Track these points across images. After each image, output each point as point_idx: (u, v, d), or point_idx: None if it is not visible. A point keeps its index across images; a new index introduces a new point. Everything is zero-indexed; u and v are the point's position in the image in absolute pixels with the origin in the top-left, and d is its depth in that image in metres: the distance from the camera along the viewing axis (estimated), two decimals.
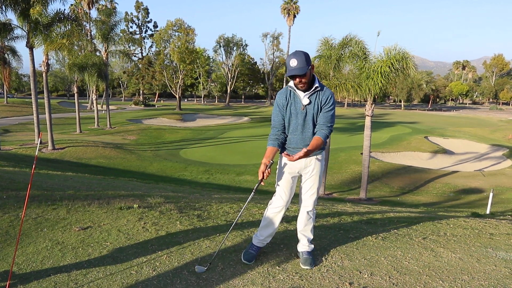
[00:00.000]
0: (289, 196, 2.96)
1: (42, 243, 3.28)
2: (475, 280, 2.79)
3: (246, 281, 2.71)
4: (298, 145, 2.85)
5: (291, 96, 2.81)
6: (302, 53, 2.66)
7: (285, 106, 2.82)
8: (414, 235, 3.79)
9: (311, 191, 2.94)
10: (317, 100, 2.78)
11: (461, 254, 3.25)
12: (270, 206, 2.99)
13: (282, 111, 2.83)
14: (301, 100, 2.77)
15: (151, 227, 3.69)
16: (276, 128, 2.86)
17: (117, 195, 5.21)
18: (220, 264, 2.94)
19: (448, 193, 19.82)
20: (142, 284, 2.64)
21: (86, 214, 4.03)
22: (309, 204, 2.96)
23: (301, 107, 2.77)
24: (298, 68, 2.62)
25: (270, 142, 2.84)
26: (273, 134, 2.86)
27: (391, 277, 2.80)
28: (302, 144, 2.83)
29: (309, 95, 2.76)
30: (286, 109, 2.82)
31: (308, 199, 2.96)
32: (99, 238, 3.40)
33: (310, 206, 2.97)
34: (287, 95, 2.82)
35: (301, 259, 2.98)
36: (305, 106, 2.77)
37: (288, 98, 2.82)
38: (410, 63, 13.57)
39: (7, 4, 20.50)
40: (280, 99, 2.84)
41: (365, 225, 4.21)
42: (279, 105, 2.84)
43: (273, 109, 2.88)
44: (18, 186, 5.48)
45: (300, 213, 3.04)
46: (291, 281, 2.71)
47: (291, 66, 2.65)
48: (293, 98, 2.81)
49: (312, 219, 3.01)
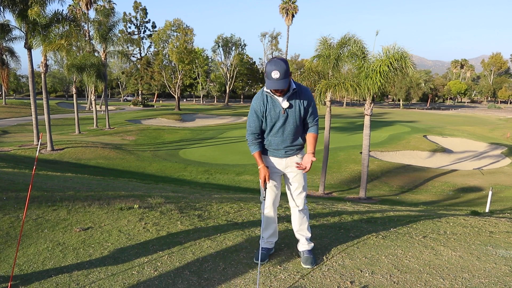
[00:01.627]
0: (275, 195, 2.99)
1: (43, 244, 3.28)
2: (475, 278, 2.80)
3: (247, 280, 2.71)
4: (279, 147, 2.86)
5: (268, 101, 2.73)
6: (282, 62, 2.55)
7: (263, 112, 2.76)
8: (414, 234, 3.80)
9: (298, 190, 2.97)
10: (298, 102, 2.73)
11: (461, 252, 3.26)
12: (261, 208, 3.02)
13: (260, 117, 2.77)
14: (280, 103, 2.72)
15: (152, 227, 3.69)
16: (255, 134, 2.83)
17: (117, 196, 5.21)
18: (221, 263, 2.95)
19: (448, 191, 19.85)
20: (143, 284, 2.65)
21: (87, 215, 4.03)
22: (299, 203, 2.99)
23: (282, 111, 2.73)
24: (281, 81, 2.53)
25: (254, 148, 2.84)
26: (254, 139, 2.84)
27: (392, 275, 2.81)
28: (283, 146, 2.85)
29: (287, 98, 2.70)
30: (266, 115, 2.77)
31: (297, 198, 2.98)
32: (100, 239, 3.40)
33: (301, 205, 2.99)
34: (264, 100, 2.73)
35: (302, 258, 2.99)
36: (286, 109, 2.73)
37: (266, 104, 2.74)
38: (408, 62, 13.59)
39: (5, 4, 20.48)
40: (257, 106, 2.75)
41: (365, 224, 4.22)
42: (256, 112, 2.76)
43: (250, 115, 2.80)
44: (18, 187, 5.47)
45: (293, 214, 3.06)
46: (292, 280, 2.72)
47: (273, 78, 2.53)
48: (271, 103, 2.73)
49: (306, 217, 3.03)
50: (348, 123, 47.27)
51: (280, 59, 2.56)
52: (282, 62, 2.54)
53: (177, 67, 58.81)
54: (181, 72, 59.55)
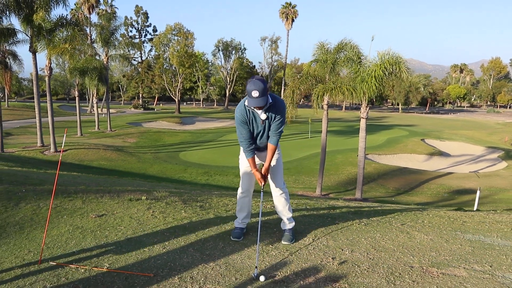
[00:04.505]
0: (250, 183, 3.55)
1: (64, 228, 3.72)
2: (441, 255, 3.23)
3: (243, 256, 3.15)
4: (258, 146, 3.41)
5: (250, 114, 3.23)
6: (260, 82, 2.99)
7: (248, 123, 3.27)
8: (394, 222, 4.23)
9: (276, 178, 3.49)
10: (272, 114, 3.23)
11: (432, 236, 3.70)
12: (238, 194, 3.60)
13: (246, 126, 3.28)
14: (260, 115, 3.23)
15: (159, 214, 4.13)
16: (247, 141, 3.31)
17: (125, 190, 5.65)
18: (221, 243, 3.39)
19: (443, 193, 20.27)
20: (154, 258, 3.08)
21: (100, 204, 4.47)
22: (278, 187, 3.50)
23: (261, 122, 3.26)
24: (259, 99, 3.00)
25: (249, 154, 3.34)
26: (248, 145, 3.32)
27: (369, 253, 3.25)
28: (262, 145, 3.40)
29: (265, 111, 3.20)
30: (250, 124, 3.28)
31: (276, 183, 3.50)
32: (114, 224, 3.84)
33: (280, 189, 3.51)
34: (246, 113, 3.22)
35: (283, 237, 3.49)
36: (264, 120, 3.25)
37: (248, 116, 3.23)
38: (402, 67, 14.06)
39: (11, 9, 20.99)
40: (241, 118, 3.23)
41: (352, 215, 4.65)
42: (242, 122, 3.25)
43: (238, 126, 3.29)
44: (33, 181, 5.91)
45: (274, 198, 3.58)
46: (282, 256, 3.16)
47: (253, 97, 2.99)
48: (252, 115, 3.23)
49: (286, 199, 3.53)
50: (347, 126, 47.76)
51: (259, 79, 3.03)
52: (261, 82, 3.01)
53: (178, 70, 59.35)
54: (182, 75, 60.10)
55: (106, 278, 2.77)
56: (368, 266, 3.00)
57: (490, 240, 3.67)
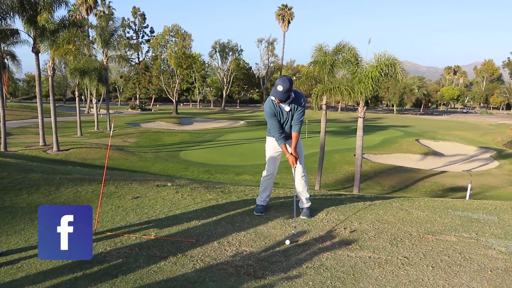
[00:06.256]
0: (274, 167, 4.11)
1: (106, 207, 4.24)
2: (435, 226, 3.81)
3: (269, 227, 3.70)
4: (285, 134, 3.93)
5: (277, 107, 3.82)
6: (288, 81, 3.54)
7: (276, 115, 3.84)
8: (394, 203, 4.81)
9: (299, 162, 4.01)
10: (294, 105, 3.80)
11: (427, 213, 4.28)
12: (263, 176, 4.15)
13: (275, 118, 3.85)
14: (284, 108, 3.81)
15: (187, 197, 4.67)
16: (278, 131, 3.87)
17: (148, 179, 6.17)
18: (247, 218, 3.94)
19: (436, 191, 20.95)
20: (192, 229, 3.62)
21: (132, 189, 5.00)
22: (301, 170, 4.06)
23: (286, 113, 3.84)
24: (282, 93, 3.58)
25: (281, 141, 3.89)
26: (279, 135, 3.87)
27: (374, 225, 3.81)
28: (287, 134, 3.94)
29: (289, 103, 3.78)
30: (278, 116, 3.85)
31: (299, 167, 4.03)
32: (150, 204, 4.37)
33: (302, 171, 4.06)
34: (274, 107, 3.79)
35: (301, 213, 4.07)
36: (288, 112, 3.83)
37: (276, 108, 3.81)
38: (398, 68, 14.70)
39: (15, 11, 21.39)
40: (270, 110, 3.80)
41: (357, 199, 5.22)
42: (272, 115, 3.82)
43: (268, 118, 3.87)
44: (62, 171, 6.40)
45: (296, 180, 4.11)
46: (301, 227, 3.72)
47: (277, 90, 3.55)
48: (278, 107, 3.81)
49: (305, 181, 4.10)
50: (343, 127, 48.45)
51: (288, 78, 3.61)
52: (288, 81, 3.59)
53: (175, 71, 59.82)
54: (179, 76, 60.56)
55: (156, 243, 3.30)
56: (374, 234, 3.56)
57: (476, 216, 4.25)
